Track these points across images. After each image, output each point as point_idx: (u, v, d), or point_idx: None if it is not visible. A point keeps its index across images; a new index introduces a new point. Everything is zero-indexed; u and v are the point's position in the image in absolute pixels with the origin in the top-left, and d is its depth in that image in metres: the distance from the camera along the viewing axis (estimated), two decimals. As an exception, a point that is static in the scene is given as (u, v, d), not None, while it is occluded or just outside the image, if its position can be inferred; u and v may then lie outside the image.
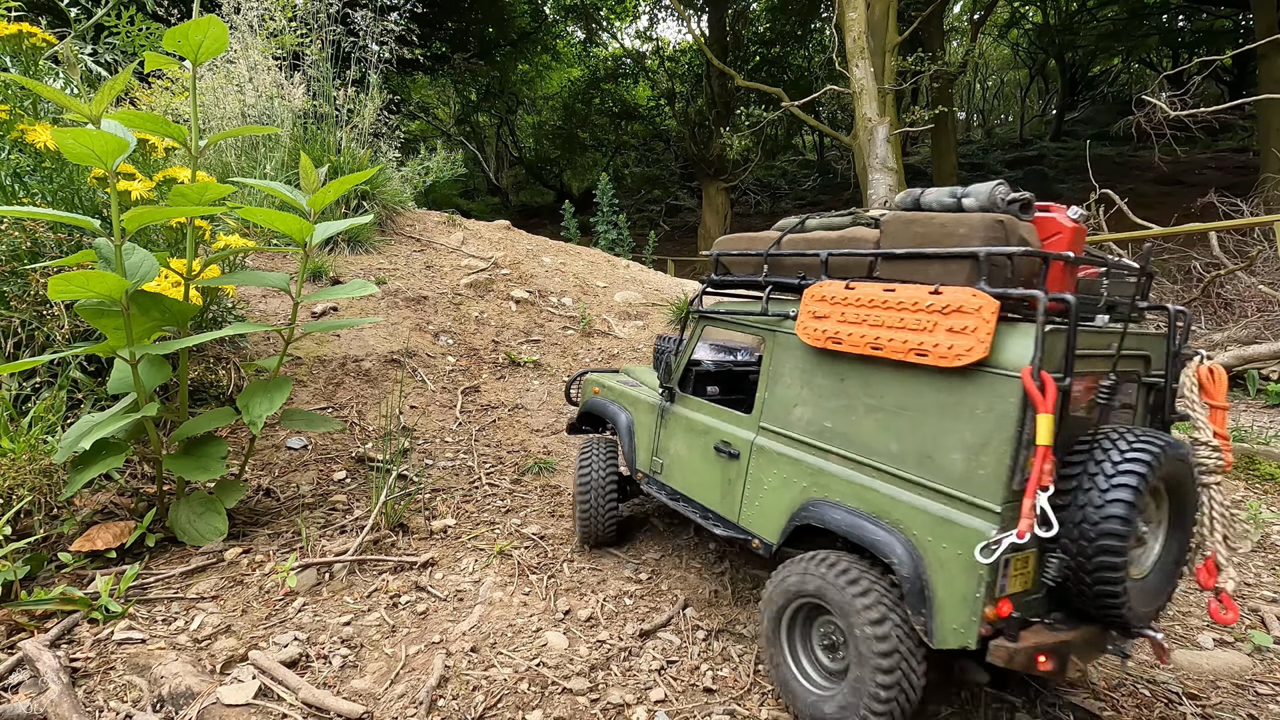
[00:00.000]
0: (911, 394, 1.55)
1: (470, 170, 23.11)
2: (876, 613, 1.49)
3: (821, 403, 1.74)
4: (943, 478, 1.47)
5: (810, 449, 1.76)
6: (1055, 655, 1.37)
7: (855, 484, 1.63)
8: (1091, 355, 1.46)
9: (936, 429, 1.49)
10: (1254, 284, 7.11)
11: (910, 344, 1.51)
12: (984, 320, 1.40)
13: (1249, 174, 16.02)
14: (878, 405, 1.61)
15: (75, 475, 2.06)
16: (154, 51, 2.26)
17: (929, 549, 1.46)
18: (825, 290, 1.72)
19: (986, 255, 1.42)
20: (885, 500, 1.56)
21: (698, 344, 2.29)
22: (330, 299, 3.85)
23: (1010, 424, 1.36)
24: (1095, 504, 1.35)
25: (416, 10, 6.54)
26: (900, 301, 1.55)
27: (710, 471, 2.04)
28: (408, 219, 6.05)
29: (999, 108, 36.22)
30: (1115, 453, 1.38)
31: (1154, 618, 1.48)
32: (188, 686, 1.59)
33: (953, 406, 1.47)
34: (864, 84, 11.77)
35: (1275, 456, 3.48)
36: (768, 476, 1.84)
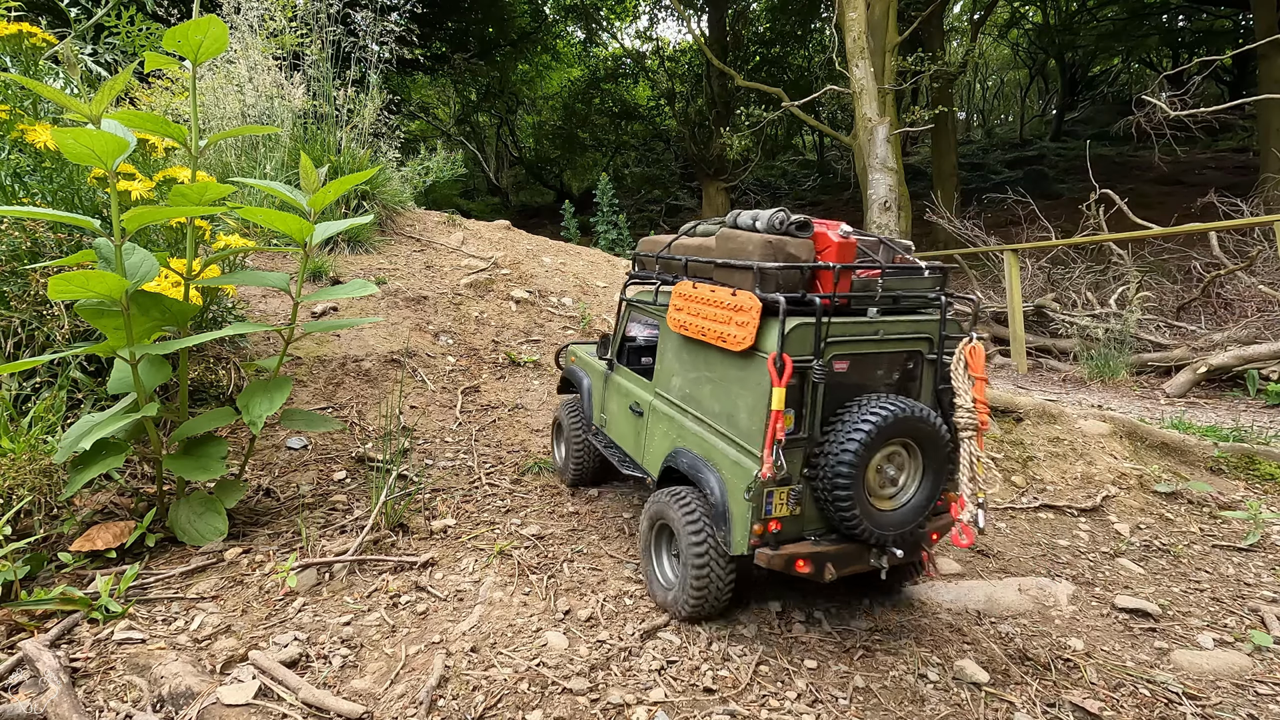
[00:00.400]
0: (723, 370, 2.00)
1: (470, 170, 23.12)
2: (696, 530, 1.95)
3: (684, 374, 2.20)
4: (737, 431, 1.91)
5: (678, 409, 2.22)
6: (812, 562, 1.81)
7: (698, 436, 2.07)
8: (857, 340, 1.87)
9: (735, 395, 1.94)
10: (1254, 284, 7.10)
11: (720, 333, 1.94)
12: (753, 317, 1.81)
13: (1249, 174, 16.01)
14: (709, 377, 2.06)
15: (75, 475, 2.06)
16: (154, 51, 2.27)
17: (729, 484, 1.89)
18: (682, 288, 2.16)
19: (758, 268, 1.83)
20: (711, 448, 1.99)
21: (629, 324, 2.77)
22: (330, 299, 3.85)
23: (766, 393, 1.78)
24: (834, 452, 1.78)
25: (416, 10, 6.54)
26: (716, 300, 1.98)
27: (629, 425, 2.53)
28: (408, 219, 6.05)
29: (999, 108, 36.22)
30: (853, 416, 1.79)
31: (907, 542, 1.89)
32: (188, 686, 1.59)
33: (741, 379, 1.91)
34: (864, 84, 11.76)
35: (1275, 456, 3.48)
36: (656, 430, 2.30)
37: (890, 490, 1.91)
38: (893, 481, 1.90)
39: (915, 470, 1.90)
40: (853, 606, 2.20)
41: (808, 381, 1.81)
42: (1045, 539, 2.81)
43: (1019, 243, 8.61)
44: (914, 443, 1.86)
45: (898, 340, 1.94)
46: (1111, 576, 2.54)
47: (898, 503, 1.90)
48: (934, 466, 1.89)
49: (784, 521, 1.84)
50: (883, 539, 1.83)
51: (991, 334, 8.76)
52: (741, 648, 1.92)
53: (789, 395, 1.78)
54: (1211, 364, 5.97)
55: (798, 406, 1.84)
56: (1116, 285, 8.34)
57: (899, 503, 1.90)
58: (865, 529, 1.80)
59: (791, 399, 1.82)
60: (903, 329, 1.94)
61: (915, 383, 2.02)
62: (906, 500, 1.90)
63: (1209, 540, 2.84)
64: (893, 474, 1.90)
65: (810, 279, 1.87)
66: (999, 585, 2.34)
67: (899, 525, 1.85)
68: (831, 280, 1.85)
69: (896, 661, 1.92)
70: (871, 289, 1.92)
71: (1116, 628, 2.19)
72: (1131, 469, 3.31)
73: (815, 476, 1.83)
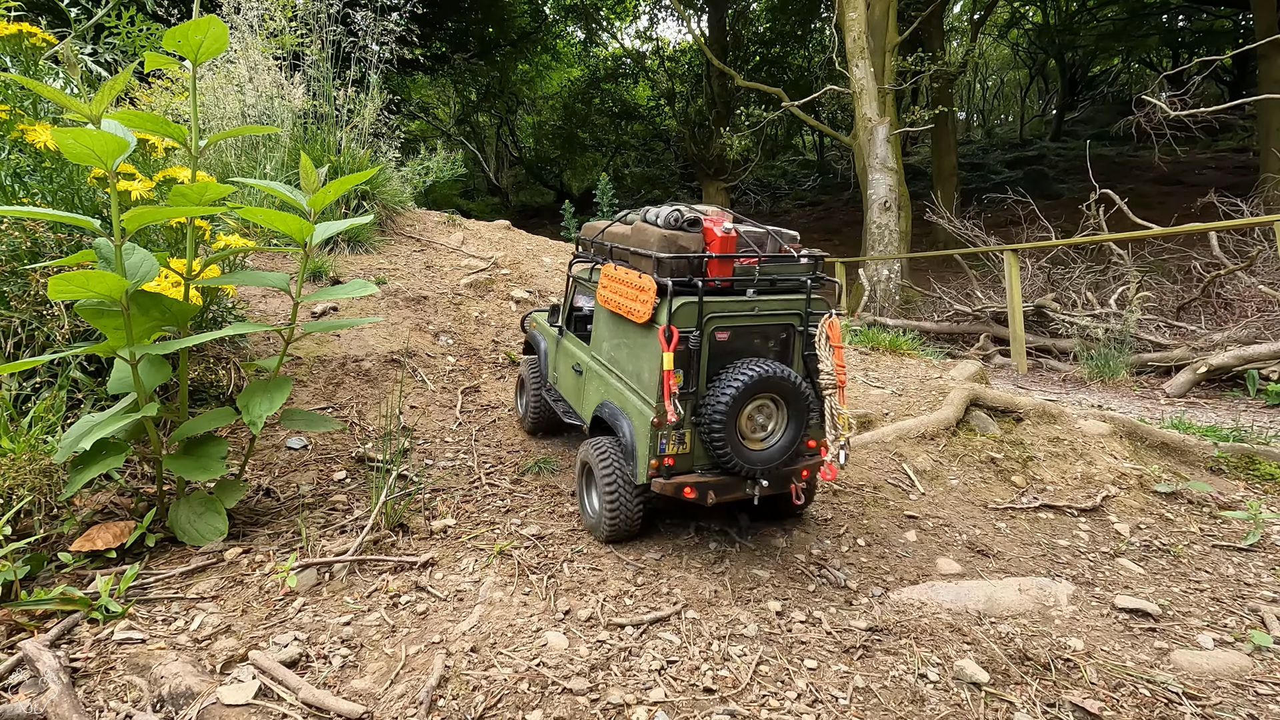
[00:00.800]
0: (633, 337, 2.40)
1: (470, 170, 23.12)
2: (606, 467, 2.37)
3: (609, 340, 2.61)
4: (642, 386, 2.33)
5: (606, 369, 2.62)
6: (696, 489, 2.24)
7: (618, 390, 2.46)
8: (735, 315, 2.25)
9: (641, 358, 2.34)
10: (1254, 284, 7.11)
11: (630, 308, 2.32)
12: (651, 296, 2.21)
13: (1249, 174, 16.02)
14: (625, 343, 2.47)
15: (75, 475, 2.06)
16: (154, 51, 2.26)
17: (636, 428, 2.31)
18: (607, 269, 2.57)
19: (655, 257, 2.20)
20: (626, 400, 2.39)
21: (575, 296, 3.18)
22: (330, 299, 3.85)
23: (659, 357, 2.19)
24: (712, 403, 2.18)
25: (416, 10, 6.53)
26: (628, 281, 2.36)
27: (572, 382, 2.94)
28: (408, 219, 6.05)
29: (999, 108, 36.21)
30: (729, 375, 2.19)
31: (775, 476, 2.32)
32: (188, 686, 1.59)
33: (644, 345, 2.31)
34: (864, 84, 11.76)
35: (1275, 456, 3.48)
36: (590, 386, 2.73)
37: (760, 434, 2.32)
38: (762, 428, 2.32)
39: (781, 419, 2.33)
40: (853, 606, 2.20)
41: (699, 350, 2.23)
42: (1045, 539, 2.81)
43: (1019, 243, 8.61)
44: (779, 397, 2.28)
45: (772, 316, 2.33)
46: (1111, 576, 2.54)
47: (766, 445, 2.31)
48: (796, 417, 2.30)
49: (676, 458, 2.27)
50: (753, 473, 2.26)
51: (991, 334, 8.76)
52: (741, 648, 1.92)
53: (680, 358, 2.20)
54: (1211, 364, 5.97)
55: (687, 367, 2.23)
56: (1116, 285, 8.34)
57: (767, 445, 2.31)
58: (737, 464, 2.22)
59: (681, 361, 2.21)
60: (776, 307, 2.32)
61: (788, 350, 2.40)
62: (773, 443, 2.32)
63: (1209, 540, 2.84)
64: (762, 421, 2.32)
65: (700, 265, 2.24)
66: (999, 585, 2.34)
67: (766, 462, 2.28)
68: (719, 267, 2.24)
69: (896, 661, 1.92)
70: (750, 274, 2.29)
71: (1116, 628, 2.19)
72: (1131, 469, 3.31)
73: (699, 422, 2.24)
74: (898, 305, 10.93)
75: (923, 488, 3.16)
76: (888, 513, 2.90)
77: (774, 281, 2.34)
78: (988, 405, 3.78)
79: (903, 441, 3.48)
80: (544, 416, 3.35)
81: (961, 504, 3.07)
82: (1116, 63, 27.69)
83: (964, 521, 2.90)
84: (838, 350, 2.26)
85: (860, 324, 8.87)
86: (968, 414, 3.72)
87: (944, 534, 2.77)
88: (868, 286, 11.27)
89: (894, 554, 2.58)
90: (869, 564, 2.50)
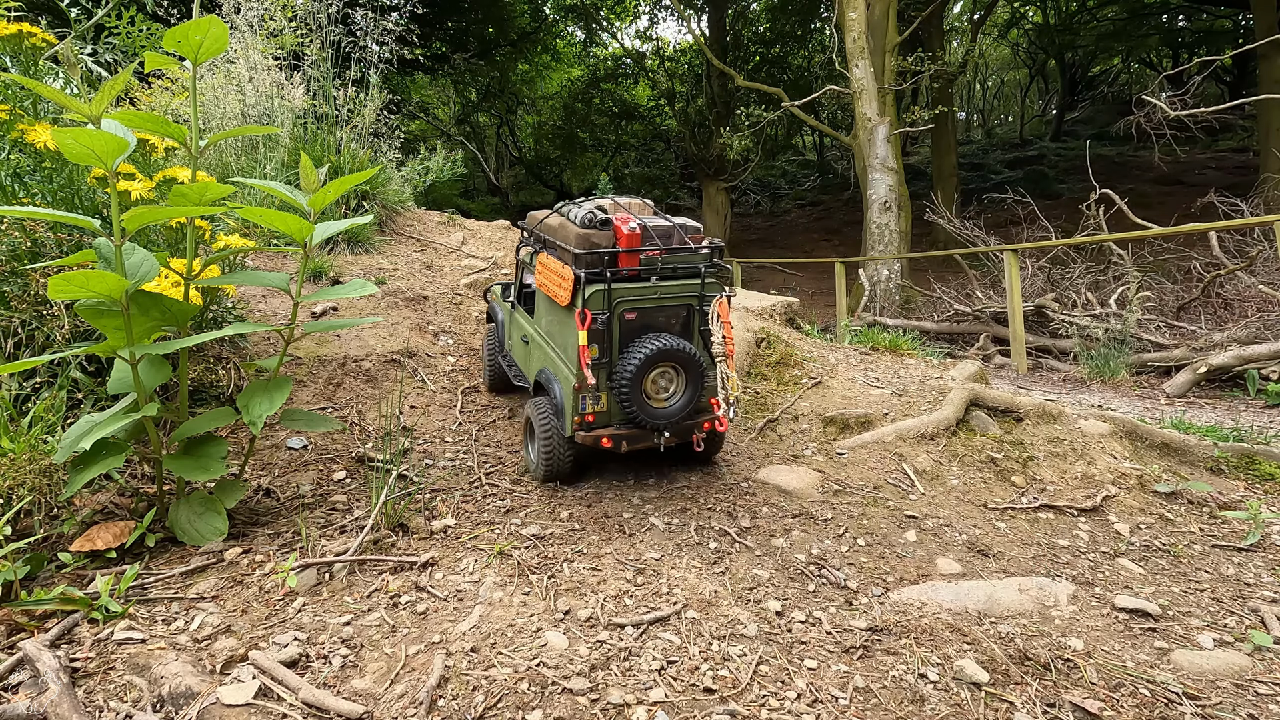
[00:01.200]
0: (560, 316, 2.82)
1: (470, 170, 23.11)
2: (544, 422, 2.83)
3: (546, 317, 3.01)
4: (567, 357, 2.75)
5: (545, 341, 3.01)
6: (612, 440, 2.70)
7: (552, 359, 2.89)
8: (640, 299, 2.67)
9: (565, 334, 2.77)
10: (1254, 284, 7.11)
11: (555, 293, 2.74)
12: (569, 284, 2.63)
13: (1249, 174, 16.02)
14: (555, 320, 2.89)
15: (75, 475, 2.06)
16: (154, 51, 2.26)
17: (563, 391, 2.74)
18: (541, 257, 3.00)
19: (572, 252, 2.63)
20: (558, 368, 2.82)
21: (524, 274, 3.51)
22: (330, 299, 3.85)
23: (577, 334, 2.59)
24: (621, 371, 2.61)
25: (416, 10, 6.54)
26: (554, 269, 2.80)
27: (521, 350, 3.38)
28: (408, 219, 6.05)
29: (999, 108, 36.20)
30: (635, 348, 2.61)
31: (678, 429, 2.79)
32: (188, 686, 1.59)
33: (566, 323, 2.74)
34: (864, 84, 11.76)
35: (1275, 456, 3.48)
36: (534, 354, 3.13)
37: (663, 395, 2.78)
38: (665, 390, 2.78)
39: (680, 383, 2.78)
40: (853, 606, 2.20)
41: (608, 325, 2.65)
42: (1045, 539, 2.81)
43: (1019, 243, 8.61)
44: (678, 365, 2.72)
45: (673, 298, 2.74)
46: (1111, 576, 2.54)
47: (668, 403, 2.77)
48: (693, 381, 2.75)
49: (595, 415, 2.73)
50: (657, 426, 2.73)
51: (991, 334, 8.76)
52: (741, 648, 1.92)
53: (595, 335, 2.62)
54: (1211, 364, 5.97)
55: (602, 341, 2.66)
56: (1116, 285, 8.34)
57: (669, 403, 2.77)
58: (644, 420, 2.69)
59: (596, 337, 2.63)
60: (676, 290, 2.74)
61: (689, 326, 2.83)
62: (674, 402, 2.77)
63: (1209, 540, 2.84)
64: (664, 385, 2.77)
65: (611, 258, 2.64)
66: (999, 585, 2.34)
67: (668, 417, 2.74)
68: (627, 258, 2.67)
69: (896, 661, 1.92)
70: (654, 263, 2.70)
71: (1116, 628, 2.19)
72: (1131, 469, 3.31)
73: (613, 386, 2.68)
74: (898, 305, 10.93)
75: (923, 488, 3.16)
76: (888, 513, 2.90)
77: (675, 269, 2.76)
78: (988, 405, 3.78)
79: (903, 441, 3.48)
80: (499, 378, 3.79)
81: (961, 504, 3.07)
82: (1116, 63, 27.69)
83: (964, 521, 2.90)
84: (726, 325, 2.74)
85: (860, 324, 8.87)
86: (968, 414, 3.72)
87: (944, 534, 2.77)
88: (868, 286, 11.27)
89: (894, 554, 2.58)
90: (869, 564, 2.50)
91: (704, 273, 2.75)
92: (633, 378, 2.60)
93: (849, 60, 11.59)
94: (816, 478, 3.16)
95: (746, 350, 4.47)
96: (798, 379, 4.27)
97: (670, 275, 2.74)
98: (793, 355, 4.52)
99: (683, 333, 2.82)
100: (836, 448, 3.50)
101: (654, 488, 2.98)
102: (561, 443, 2.82)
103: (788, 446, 3.56)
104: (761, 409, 3.96)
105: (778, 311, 5.61)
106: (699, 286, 2.75)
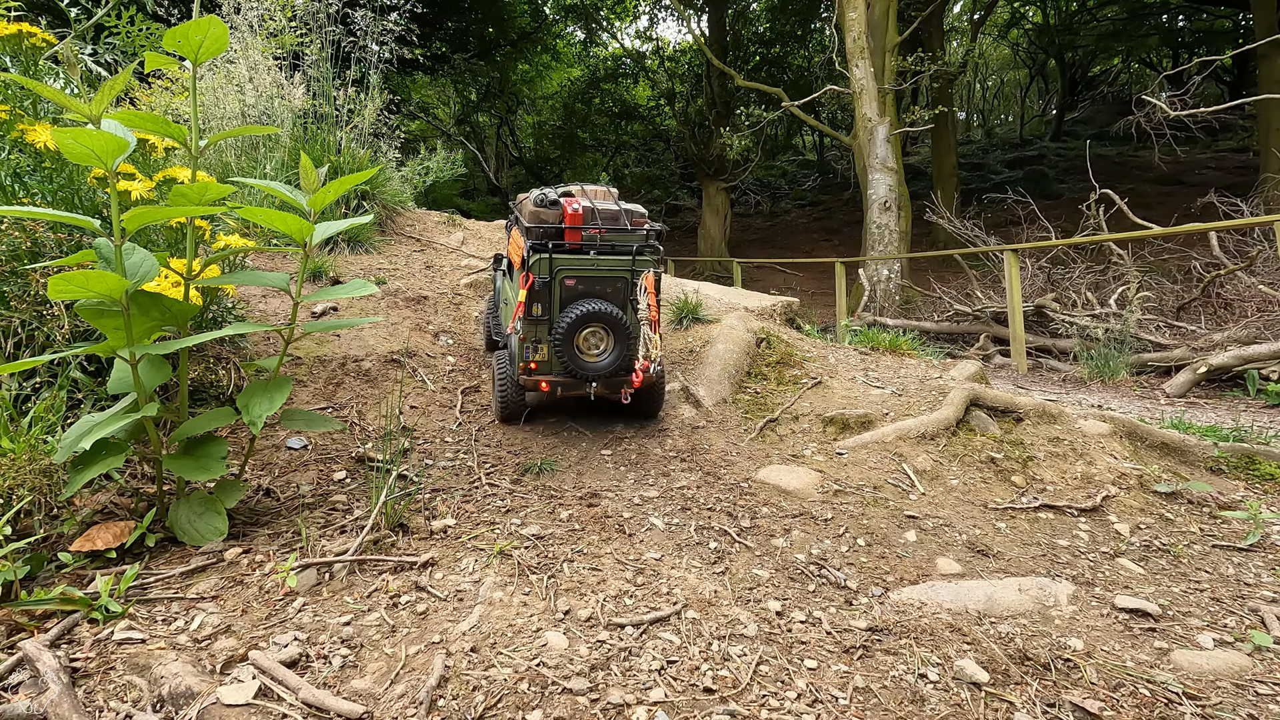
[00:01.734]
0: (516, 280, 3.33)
1: (470, 170, 23.11)
2: (501, 369, 3.41)
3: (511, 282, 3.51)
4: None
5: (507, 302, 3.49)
6: (550, 385, 3.21)
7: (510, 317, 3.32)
8: (579, 268, 3.14)
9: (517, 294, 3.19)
10: (1254, 284, 7.11)
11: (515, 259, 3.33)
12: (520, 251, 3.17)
13: (1249, 174, 16.02)
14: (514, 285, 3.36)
15: (75, 475, 2.06)
16: (154, 51, 2.26)
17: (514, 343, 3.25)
18: (513, 232, 3.51)
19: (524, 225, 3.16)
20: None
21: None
22: (330, 299, 3.85)
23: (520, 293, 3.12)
24: (558, 328, 3.08)
25: (416, 10, 6.53)
26: (516, 241, 3.35)
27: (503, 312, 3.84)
28: (408, 219, 6.05)
29: (999, 108, 36.20)
30: (571, 310, 3.08)
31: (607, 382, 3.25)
32: (188, 686, 1.59)
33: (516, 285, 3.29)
34: (864, 84, 11.76)
35: (1275, 456, 3.48)
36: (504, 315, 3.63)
37: (595, 352, 3.22)
38: (596, 347, 3.21)
39: (610, 342, 3.21)
40: (853, 606, 2.20)
41: (549, 288, 3.12)
42: (1045, 539, 2.81)
43: (1019, 243, 8.61)
44: (607, 326, 3.16)
45: (609, 270, 3.18)
46: (1111, 576, 2.54)
47: (599, 359, 3.21)
48: (620, 341, 3.17)
49: (538, 364, 3.22)
50: (587, 377, 3.19)
51: (991, 334, 8.76)
52: (741, 648, 1.92)
53: (537, 295, 3.11)
54: (1211, 364, 5.97)
55: (545, 302, 3.13)
56: (1116, 285, 8.34)
57: (599, 359, 3.21)
58: (576, 371, 3.16)
59: (542, 298, 3.12)
60: (612, 264, 3.17)
61: (622, 295, 3.22)
62: (603, 359, 3.20)
63: (1209, 540, 2.84)
64: (595, 343, 3.21)
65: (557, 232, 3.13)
66: (999, 585, 2.34)
67: (598, 371, 3.19)
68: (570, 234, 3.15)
69: (896, 661, 1.92)
70: (593, 240, 3.18)
71: (1116, 628, 2.19)
72: (1131, 469, 3.31)
73: (551, 341, 3.15)
74: (898, 305, 10.93)
75: (923, 488, 3.16)
76: (888, 513, 2.90)
77: (613, 246, 3.20)
78: (988, 405, 3.77)
79: (903, 441, 3.48)
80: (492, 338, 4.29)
81: (961, 504, 3.07)
82: (1116, 63, 27.69)
83: (964, 521, 2.90)
84: (652, 296, 3.17)
85: (860, 324, 8.86)
86: (968, 414, 3.72)
87: (944, 534, 2.77)
88: (868, 286, 11.27)
89: (894, 554, 2.58)
90: (869, 564, 2.50)
91: (636, 251, 3.18)
92: (565, 334, 3.07)
93: (849, 60, 11.58)
94: (816, 478, 3.16)
95: (746, 350, 4.47)
96: (798, 379, 4.27)
97: (609, 251, 3.18)
98: (793, 355, 4.52)
99: (619, 301, 3.21)
100: (836, 448, 3.49)
101: (654, 488, 2.98)
102: (513, 386, 3.36)
103: (788, 446, 3.56)
104: (761, 409, 3.96)
105: (778, 311, 5.61)
106: (631, 262, 3.19)
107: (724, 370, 4.22)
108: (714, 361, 4.28)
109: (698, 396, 4.00)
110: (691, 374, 4.24)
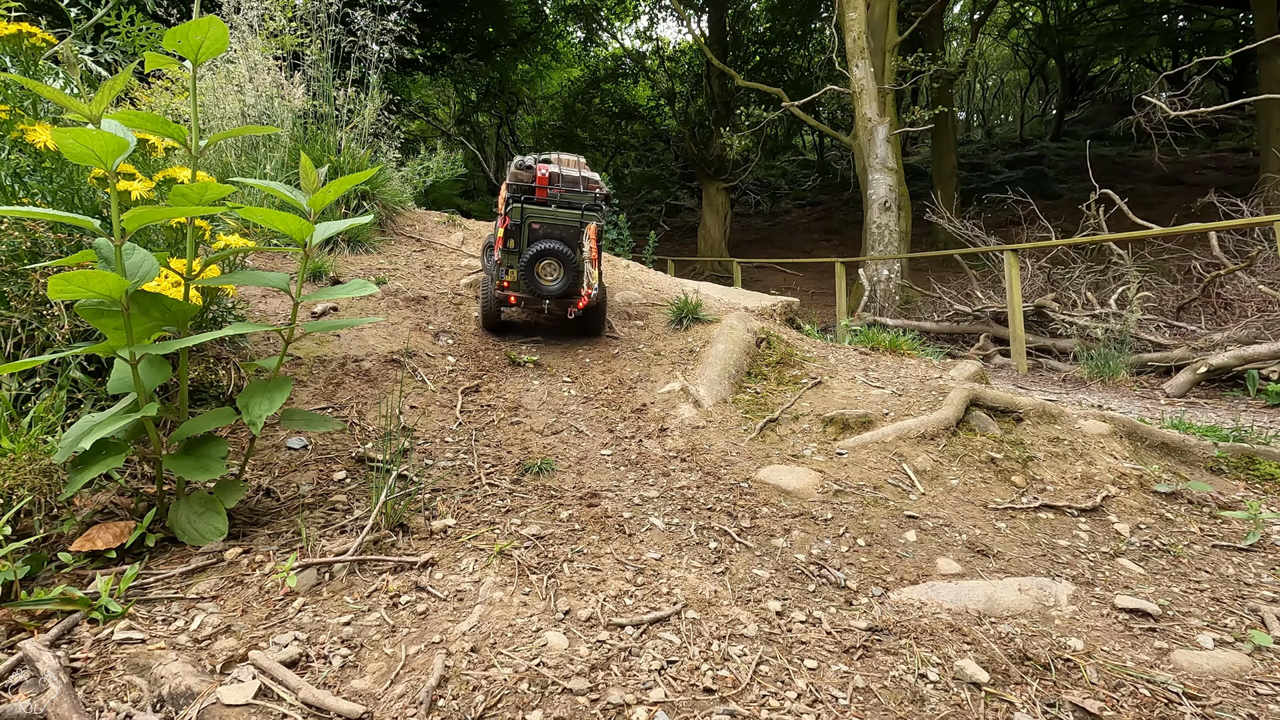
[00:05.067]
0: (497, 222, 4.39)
1: (470, 170, 23.10)
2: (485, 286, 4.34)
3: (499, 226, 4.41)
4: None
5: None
6: (517, 300, 4.27)
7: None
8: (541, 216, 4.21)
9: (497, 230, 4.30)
10: (1254, 284, 7.11)
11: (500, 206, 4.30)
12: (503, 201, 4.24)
13: (1249, 174, 16.02)
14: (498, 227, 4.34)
15: (75, 475, 2.06)
16: (154, 51, 2.26)
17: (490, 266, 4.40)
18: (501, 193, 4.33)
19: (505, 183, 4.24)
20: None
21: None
22: (330, 299, 3.85)
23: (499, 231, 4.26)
24: (523, 258, 4.13)
25: (416, 10, 6.53)
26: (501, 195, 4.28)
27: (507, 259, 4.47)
28: (408, 219, 6.05)
29: (999, 108, 36.19)
30: (534, 247, 4.12)
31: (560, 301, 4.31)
32: (188, 686, 1.59)
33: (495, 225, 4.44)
34: (864, 84, 11.76)
35: (1275, 456, 3.48)
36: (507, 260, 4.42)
37: (550, 278, 4.19)
38: (550, 275, 4.19)
39: (560, 272, 4.19)
40: (853, 606, 2.20)
41: (520, 230, 4.18)
42: (1045, 539, 2.81)
43: (1019, 243, 8.61)
44: (558, 259, 4.14)
45: (565, 220, 4.24)
46: (1111, 576, 2.54)
47: (552, 283, 4.19)
48: (568, 271, 4.17)
49: (509, 283, 4.20)
50: (544, 297, 4.19)
51: (991, 334, 8.75)
52: (741, 648, 1.92)
53: (514, 233, 4.16)
54: (1211, 364, 5.97)
55: (517, 239, 4.17)
56: (1116, 285, 8.34)
57: (552, 284, 4.19)
58: (535, 290, 4.15)
59: (515, 235, 4.16)
60: (567, 216, 4.24)
61: (573, 238, 4.25)
62: (555, 284, 4.19)
63: (1209, 540, 2.84)
64: (550, 271, 4.19)
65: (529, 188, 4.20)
66: (999, 585, 2.34)
67: (552, 293, 4.18)
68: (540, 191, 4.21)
69: (896, 661, 1.92)
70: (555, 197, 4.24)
71: (1116, 628, 2.19)
72: (1131, 469, 3.31)
73: (519, 268, 4.14)
74: (898, 305, 10.93)
75: (923, 488, 3.16)
76: (888, 513, 2.90)
77: (570, 203, 4.24)
78: (988, 405, 3.77)
79: (903, 441, 3.48)
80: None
81: (961, 504, 3.07)
82: (1116, 63, 27.68)
83: (964, 521, 2.90)
84: (594, 241, 4.23)
85: (860, 324, 8.86)
86: (968, 414, 3.72)
87: (944, 534, 2.77)
88: (868, 286, 11.27)
89: (894, 554, 2.58)
90: (869, 564, 2.50)
91: (585, 207, 4.25)
92: (528, 263, 4.10)
93: (849, 60, 11.58)
94: (816, 478, 3.16)
95: (746, 350, 4.47)
96: (798, 379, 4.27)
97: (566, 205, 4.24)
98: (793, 355, 4.52)
99: (570, 242, 4.24)
100: (836, 448, 3.49)
101: (654, 488, 2.99)
102: (491, 297, 4.32)
103: (788, 446, 3.56)
104: (762, 409, 3.96)
105: (778, 311, 5.60)
106: (581, 216, 4.25)
107: (724, 370, 4.23)
108: (714, 361, 4.28)
109: (698, 396, 4.00)
110: (691, 374, 4.24)
